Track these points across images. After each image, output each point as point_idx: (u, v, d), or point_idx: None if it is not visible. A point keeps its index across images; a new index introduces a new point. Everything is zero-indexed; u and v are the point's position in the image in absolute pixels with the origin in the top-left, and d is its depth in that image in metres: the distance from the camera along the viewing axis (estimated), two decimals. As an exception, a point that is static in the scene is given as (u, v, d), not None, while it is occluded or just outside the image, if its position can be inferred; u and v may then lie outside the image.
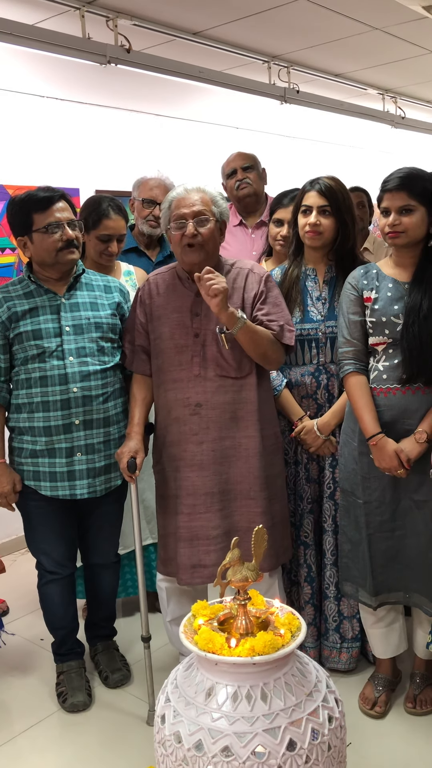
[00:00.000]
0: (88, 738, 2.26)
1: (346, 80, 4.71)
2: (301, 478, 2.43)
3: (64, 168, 3.75)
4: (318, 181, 2.30)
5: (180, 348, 2.19)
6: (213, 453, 2.17)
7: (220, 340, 2.13)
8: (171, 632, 2.43)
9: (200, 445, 2.17)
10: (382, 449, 2.06)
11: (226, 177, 3.21)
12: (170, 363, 2.21)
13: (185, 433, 2.19)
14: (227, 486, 2.18)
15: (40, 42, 3.13)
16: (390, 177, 2.07)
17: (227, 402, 2.17)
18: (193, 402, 2.17)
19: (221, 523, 2.17)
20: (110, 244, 2.58)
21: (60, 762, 2.15)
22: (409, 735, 2.20)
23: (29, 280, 2.28)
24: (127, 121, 4.11)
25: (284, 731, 1.45)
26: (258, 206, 3.20)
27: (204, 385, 2.17)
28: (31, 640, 2.81)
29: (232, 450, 2.18)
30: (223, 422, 2.17)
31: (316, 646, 2.48)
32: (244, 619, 1.59)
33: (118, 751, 2.19)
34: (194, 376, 2.17)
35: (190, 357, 2.18)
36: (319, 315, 2.36)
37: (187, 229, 2.09)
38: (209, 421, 2.17)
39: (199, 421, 2.17)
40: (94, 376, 2.27)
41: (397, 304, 2.08)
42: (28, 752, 2.20)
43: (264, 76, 4.28)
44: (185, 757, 1.47)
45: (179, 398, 2.19)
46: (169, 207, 2.15)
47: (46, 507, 2.32)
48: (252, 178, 3.16)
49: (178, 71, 3.74)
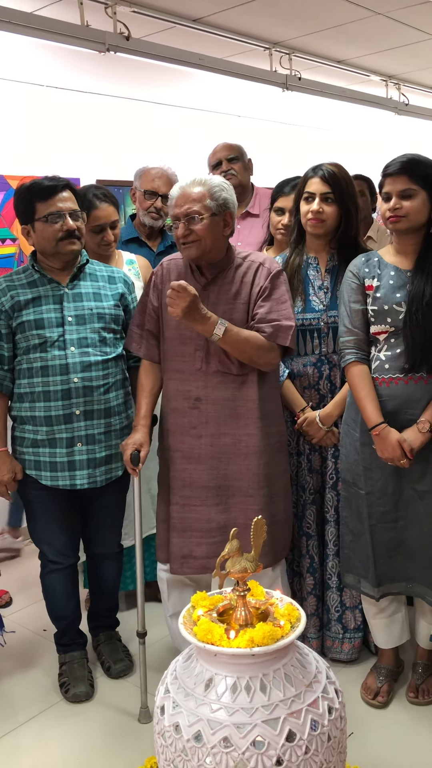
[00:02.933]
0: (91, 728, 2.27)
1: (349, 67, 4.66)
2: (304, 469, 2.42)
3: (64, 157, 3.72)
4: (321, 167, 2.27)
5: (184, 339, 2.17)
6: (211, 448, 2.16)
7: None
8: (172, 627, 2.42)
9: (198, 438, 2.16)
10: (384, 439, 2.04)
11: (211, 168, 3.19)
12: (173, 353, 2.20)
13: (183, 426, 2.18)
14: (225, 482, 2.17)
15: (39, 30, 3.11)
16: (391, 162, 2.05)
17: (227, 398, 2.15)
18: (194, 396, 2.16)
19: (216, 517, 2.16)
20: (104, 233, 2.56)
21: (62, 752, 2.16)
22: (412, 725, 2.19)
23: (33, 270, 2.28)
24: (127, 110, 4.07)
25: (284, 722, 1.44)
26: (244, 197, 3.16)
27: (205, 380, 2.15)
28: (34, 631, 2.82)
29: (231, 447, 2.16)
30: (223, 418, 2.15)
31: (318, 637, 2.48)
32: (243, 610, 1.59)
33: (120, 741, 2.19)
34: (196, 370, 2.16)
35: (193, 350, 2.16)
36: (321, 304, 2.34)
37: (178, 229, 2.09)
38: (208, 416, 2.15)
39: (198, 415, 2.16)
40: (95, 367, 2.26)
41: (399, 292, 2.06)
42: (30, 742, 2.21)
43: (265, 63, 4.24)
44: (184, 748, 1.47)
45: (180, 390, 2.18)
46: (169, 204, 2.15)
47: (47, 497, 2.32)
48: (237, 169, 3.12)
49: (178, 59, 3.70)
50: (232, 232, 2.18)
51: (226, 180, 2.16)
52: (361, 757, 2.01)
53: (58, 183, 2.21)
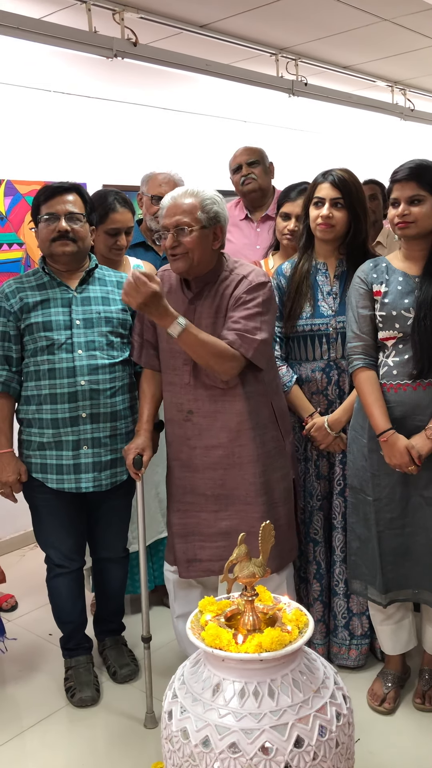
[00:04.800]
0: (96, 733, 2.26)
1: (355, 72, 4.67)
2: (311, 475, 2.41)
3: (71, 162, 3.74)
4: (331, 172, 2.27)
5: (173, 353, 2.16)
6: (206, 458, 2.16)
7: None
8: (178, 630, 2.42)
9: (193, 450, 2.17)
10: (392, 445, 2.04)
11: (232, 172, 3.20)
12: (166, 366, 2.21)
13: (179, 436, 2.19)
14: (224, 491, 2.17)
15: (47, 36, 3.12)
16: (400, 168, 2.05)
17: (217, 411, 2.14)
18: (186, 408, 2.16)
19: (217, 523, 2.17)
20: (119, 237, 2.58)
21: (68, 757, 2.16)
22: (418, 731, 2.19)
23: (43, 272, 2.30)
24: (133, 115, 4.09)
25: (292, 728, 1.44)
26: (264, 201, 3.18)
27: (195, 393, 2.15)
28: (40, 635, 2.81)
29: (225, 458, 2.15)
30: (214, 431, 2.14)
31: (324, 643, 2.47)
32: (251, 615, 1.58)
33: (126, 746, 2.18)
34: (185, 384, 2.15)
35: (182, 363, 2.15)
36: (330, 310, 2.34)
37: (167, 240, 2.06)
38: (201, 428, 2.15)
39: (191, 427, 2.16)
40: (102, 370, 2.26)
41: (407, 298, 2.06)
42: (36, 747, 2.21)
43: (272, 68, 4.25)
44: (192, 753, 1.46)
45: (174, 402, 2.19)
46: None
47: (53, 500, 2.33)
48: (257, 173, 3.13)
49: (185, 64, 3.72)
50: (221, 246, 2.13)
51: (218, 193, 2.10)
52: (368, 764, 2.00)
53: (62, 186, 2.25)
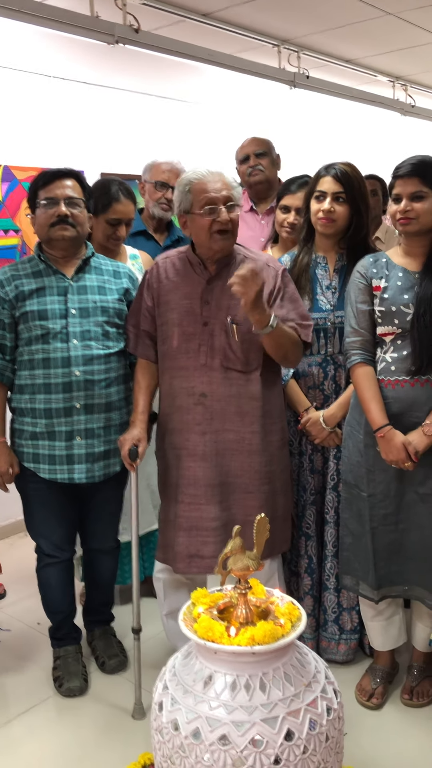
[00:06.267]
0: (84, 723, 2.26)
1: (357, 66, 4.65)
2: (305, 469, 2.41)
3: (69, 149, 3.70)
4: (333, 166, 2.26)
5: (188, 336, 2.15)
6: (215, 444, 2.14)
7: (230, 331, 2.10)
8: (167, 626, 2.41)
9: (203, 435, 2.14)
10: (389, 441, 2.04)
11: (239, 162, 3.17)
12: (177, 350, 2.17)
13: (188, 423, 2.16)
14: (227, 478, 2.16)
15: (48, 20, 3.08)
16: (402, 164, 2.04)
17: (232, 395, 2.13)
18: (198, 392, 2.14)
19: (220, 514, 2.15)
20: (119, 228, 2.55)
21: (55, 746, 2.15)
22: (406, 726, 2.19)
23: (39, 260, 2.27)
24: (133, 103, 4.05)
25: (282, 721, 1.44)
26: (270, 193, 3.15)
27: (210, 375, 2.13)
28: (29, 625, 2.80)
29: (235, 443, 2.15)
30: (228, 415, 2.14)
31: (314, 637, 2.47)
32: (244, 608, 1.58)
33: (113, 736, 2.18)
34: (200, 366, 2.13)
35: (198, 346, 2.14)
36: (329, 304, 2.33)
37: (221, 215, 2.03)
38: (213, 412, 2.13)
39: (203, 412, 2.14)
40: (98, 361, 2.24)
41: (407, 294, 2.05)
42: (23, 736, 2.20)
43: (274, 60, 4.22)
44: (182, 745, 1.46)
45: (184, 387, 2.16)
46: (189, 190, 2.06)
47: (45, 490, 2.31)
48: (264, 165, 3.11)
49: (186, 53, 3.69)
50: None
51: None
52: (355, 758, 2.00)
53: (60, 171, 2.23)
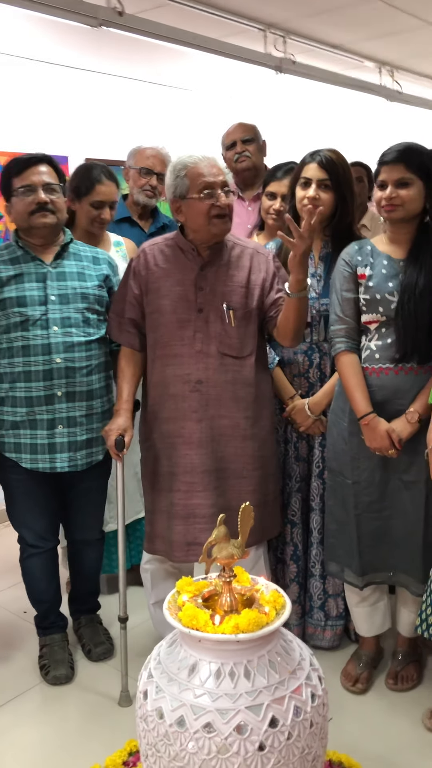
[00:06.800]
0: (70, 711, 2.26)
1: (343, 52, 4.62)
2: (290, 457, 2.41)
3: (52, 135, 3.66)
4: (319, 153, 2.24)
5: (182, 323, 2.13)
6: (211, 431, 2.13)
7: (227, 317, 2.09)
8: (154, 615, 2.41)
9: (199, 422, 2.13)
10: (373, 429, 2.04)
11: (225, 148, 3.14)
12: (170, 338, 2.14)
13: (184, 410, 2.14)
14: (222, 464, 2.16)
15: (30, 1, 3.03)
16: (388, 150, 2.03)
17: (228, 381, 2.13)
18: (194, 379, 2.12)
19: (216, 501, 2.15)
20: (103, 210, 2.53)
21: (41, 734, 2.15)
22: (390, 711, 2.22)
23: (17, 246, 2.23)
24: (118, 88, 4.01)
25: (267, 708, 1.44)
26: (256, 179, 3.13)
27: (206, 362, 2.12)
28: (15, 613, 2.80)
29: (230, 429, 2.14)
30: (223, 401, 2.13)
31: (300, 624, 2.49)
32: (228, 596, 1.58)
33: (99, 724, 2.19)
34: (196, 352, 2.12)
35: (193, 333, 2.12)
36: (314, 292, 2.31)
37: (221, 199, 2.02)
38: (209, 398, 2.12)
39: (199, 398, 2.12)
40: (78, 348, 2.22)
41: (391, 282, 2.05)
42: (10, 725, 2.20)
43: (260, 45, 4.18)
44: (167, 733, 1.46)
45: (179, 374, 2.14)
46: (184, 175, 2.04)
47: (27, 480, 2.29)
48: (251, 151, 3.09)
49: (171, 37, 3.65)
50: None
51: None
52: (340, 742, 2.02)
53: (34, 157, 2.19)
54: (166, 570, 2.32)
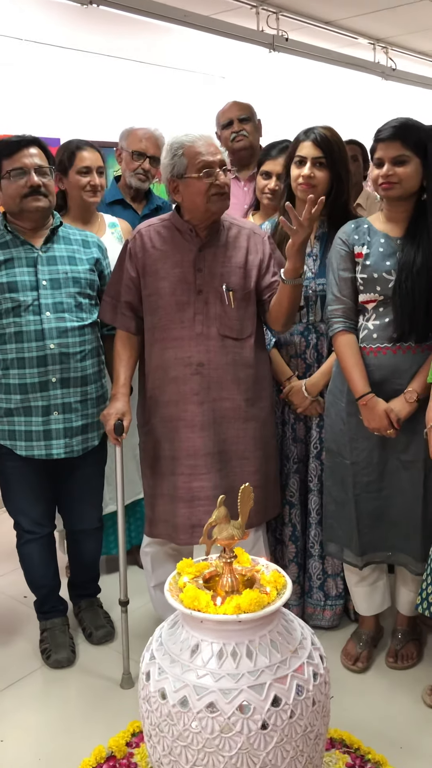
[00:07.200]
0: (72, 694, 2.27)
1: (337, 28, 4.57)
2: (288, 438, 2.41)
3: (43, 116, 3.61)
4: (313, 130, 2.21)
5: (181, 305, 2.10)
6: (213, 413, 2.13)
7: (227, 298, 2.08)
8: (155, 597, 2.41)
9: (201, 405, 2.12)
10: (371, 409, 2.03)
11: (221, 127, 3.09)
12: (170, 320, 2.12)
13: (185, 393, 2.12)
14: (224, 446, 2.15)
15: (18, -21, 2.98)
16: (384, 127, 2.00)
17: (228, 362, 2.12)
18: (195, 361, 2.11)
19: (220, 483, 2.14)
20: (90, 176, 2.49)
21: (43, 718, 2.16)
22: (390, 689, 2.23)
23: (5, 230, 2.20)
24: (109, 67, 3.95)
25: (269, 687, 1.45)
26: (252, 159, 3.08)
27: (206, 344, 2.10)
28: (14, 598, 2.80)
29: (231, 411, 2.14)
30: (224, 383, 2.12)
31: (299, 604, 2.50)
32: (229, 577, 1.58)
33: (101, 706, 2.20)
34: (196, 335, 2.10)
35: (192, 315, 2.10)
36: (310, 272, 2.30)
37: (220, 177, 2.01)
38: (210, 381, 2.11)
39: (200, 381, 2.11)
40: (72, 333, 2.20)
41: (389, 260, 2.03)
42: (11, 708, 2.21)
43: (252, 22, 4.13)
44: (170, 713, 1.47)
45: (179, 357, 2.12)
46: (182, 154, 2.02)
47: (22, 467, 2.28)
48: (248, 130, 3.04)
49: (162, 14, 3.59)
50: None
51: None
52: (341, 720, 2.04)
53: (23, 139, 2.15)
54: (166, 552, 2.33)
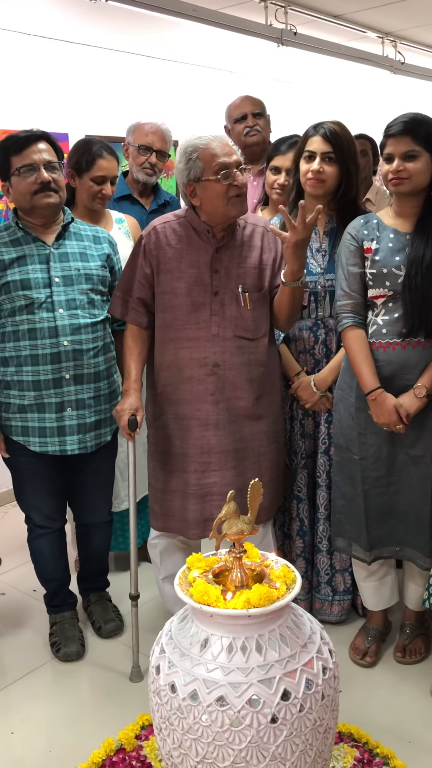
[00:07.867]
0: (81, 687, 2.29)
1: (345, 22, 4.54)
2: (296, 434, 2.41)
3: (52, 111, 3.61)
4: (322, 125, 2.20)
5: (197, 306, 2.10)
6: (228, 412, 2.13)
7: (242, 300, 2.08)
8: (163, 591, 2.42)
9: (216, 405, 2.12)
10: (381, 404, 2.03)
11: (233, 121, 3.07)
12: (185, 321, 2.11)
13: (200, 393, 2.12)
14: (241, 444, 2.16)
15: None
16: (394, 122, 1.99)
17: (243, 363, 2.13)
18: (211, 362, 2.11)
19: (235, 479, 2.15)
20: (104, 185, 2.49)
21: (53, 711, 2.18)
22: (398, 683, 2.24)
23: (16, 227, 2.20)
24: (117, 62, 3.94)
25: (279, 681, 1.45)
26: (263, 154, 3.07)
27: (222, 345, 2.10)
28: (25, 592, 2.82)
29: (245, 410, 2.15)
30: (239, 383, 2.13)
31: (307, 599, 2.51)
32: (239, 572, 1.59)
33: (110, 700, 2.21)
34: (212, 336, 2.10)
35: (209, 316, 2.10)
36: (319, 267, 2.30)
37: (238, 178, 1.99)
38: (225, 381, 2.12)
39: (215, 381, 2.11)
40: (85, 330, 2.21)
41: (398, 255, 2.03)
42: (21, 701, 2.23)
43: (260, 16, 4.11)
44: (180, 706, 1.48)
45: (195, 357, 2.11)
46: (197, 157, 1.98)
47: (35, 462, 2.29)
48: (261, 125, 3.04)
49: (171, 9, 3.58)
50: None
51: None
52: (350, 714, 2.05)
53: (32, 134, 2.14)
54: (174, 545, 2.34)
